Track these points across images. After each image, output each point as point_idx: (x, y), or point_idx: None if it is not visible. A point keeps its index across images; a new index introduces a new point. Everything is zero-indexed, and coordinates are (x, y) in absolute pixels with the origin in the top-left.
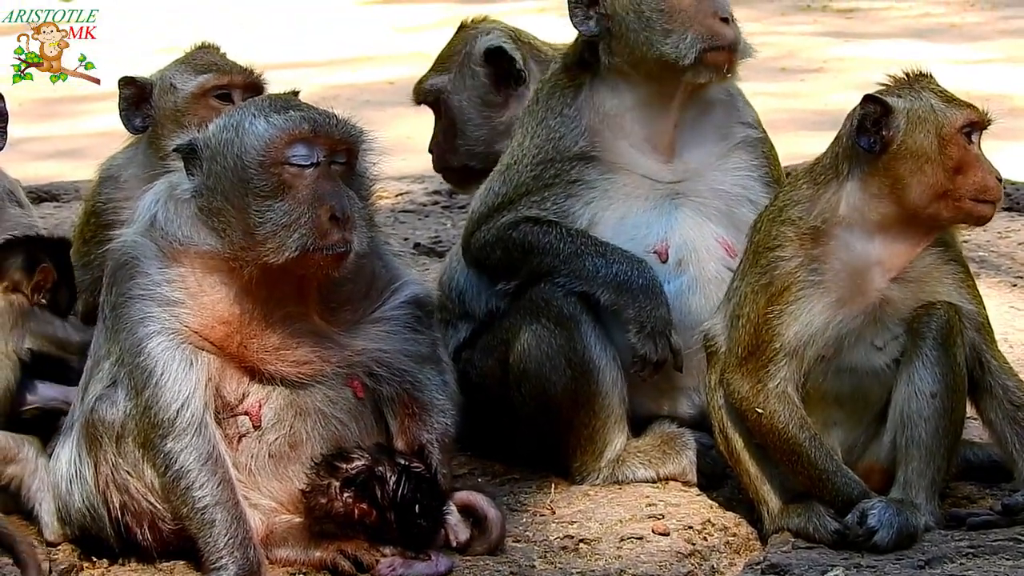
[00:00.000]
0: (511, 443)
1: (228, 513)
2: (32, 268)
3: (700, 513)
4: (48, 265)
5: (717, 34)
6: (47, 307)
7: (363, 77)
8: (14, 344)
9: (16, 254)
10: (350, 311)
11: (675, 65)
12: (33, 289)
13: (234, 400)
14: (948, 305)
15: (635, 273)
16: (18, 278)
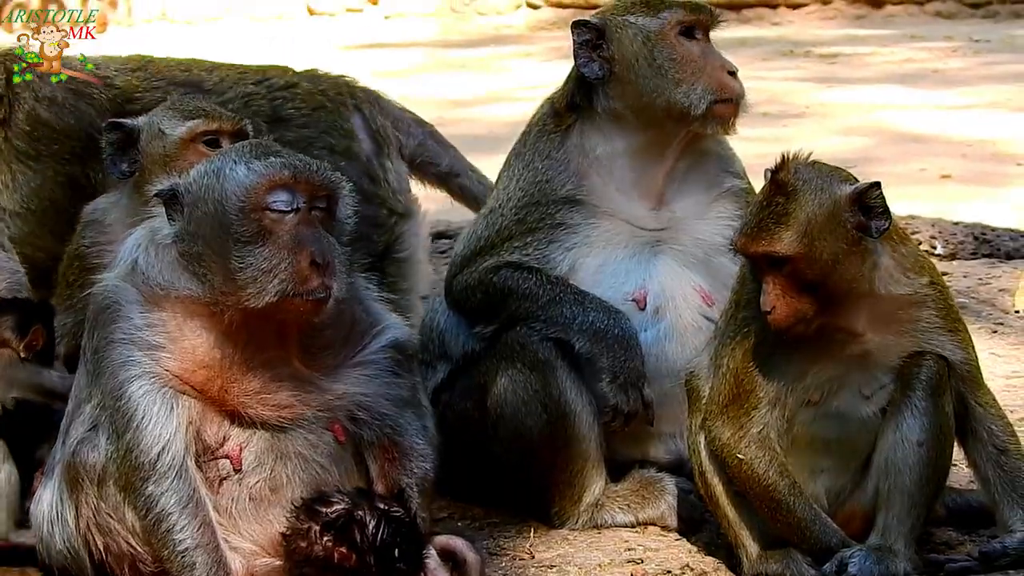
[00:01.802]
0: (490, 486)
1: (208, 556)
2: (22, 329)
3: (679, 558)
4: (40, 328)
5: (726, 87)
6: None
7: None
8: (1, 392)
9: (8, 314)
10: (331, 355)
11: (684, 114)
12: (25, 348)
13: (215, 443)
14: (937, 356)
15: (611, 323)
16: (8, 336)
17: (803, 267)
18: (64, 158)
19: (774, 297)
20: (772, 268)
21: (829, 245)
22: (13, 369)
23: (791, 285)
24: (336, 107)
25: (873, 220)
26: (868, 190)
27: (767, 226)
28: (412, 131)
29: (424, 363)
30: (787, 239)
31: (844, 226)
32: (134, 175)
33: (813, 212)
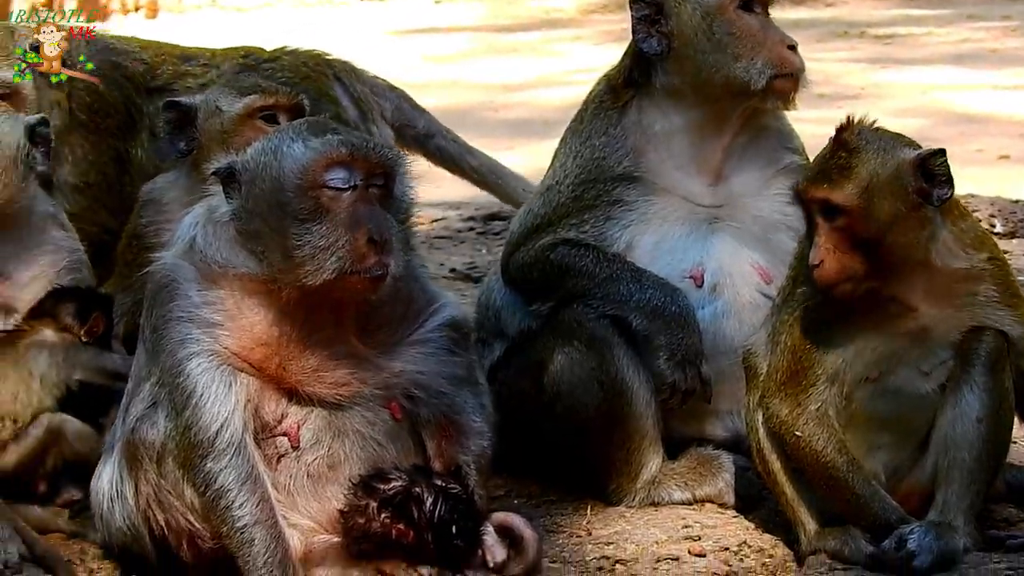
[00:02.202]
0: (547, 464)
1: (267, 532)
2: (83, 316)
3: (736, 535)
4: (100, 315)
5: (786, 61)
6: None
7: None
8: (64, 374)
9: (69, 301)
10: (388, 333)
11: (743, 89)
12: (86, 334)
13: (273, 421)
14: (996, 331)
15: (669, 300)
16: (70, 323)
17: (859, 222)
18: (114, 132)
19: (824, 251)
20: (827, 219)
21: (888, 205)
22: (75, 352)
23: (843, 240)
24: (319, 76)
25: (935, 188)
26: (932, 156)
27: (829, 175)
28: (387, 95)
29: (480, 341)
30: (847, 190)
31: (905, 189)
32: (191, 153)
33: (875, 170)
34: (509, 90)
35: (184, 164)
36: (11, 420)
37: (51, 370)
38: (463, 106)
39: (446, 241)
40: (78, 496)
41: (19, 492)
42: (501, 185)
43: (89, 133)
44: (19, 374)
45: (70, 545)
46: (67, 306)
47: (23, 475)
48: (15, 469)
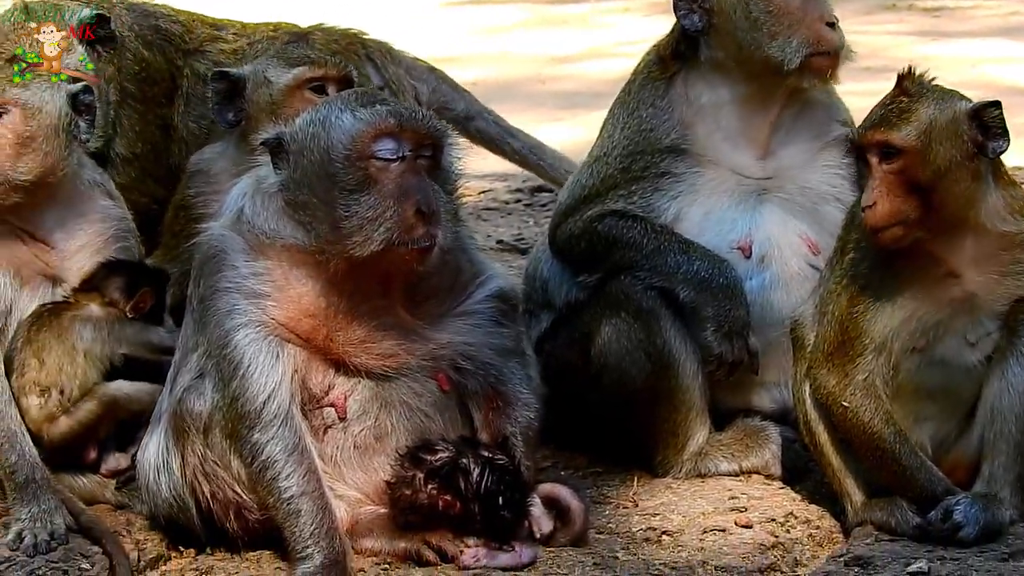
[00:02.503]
0: (594, 436)
1: (314, 503)
2: (130, 291)
3: (783, 506)
4: (149, 291)
5: (823, 39)
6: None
7: None
8: (109, 349)
9: (117, 276)
10: (435, 304)
11: (779, 68)
12: (133, 309)
13: (320, 392)
14: None
15: (716, 272)
16: (116, 297)
17: (914, 165)
18: (160, 100)
19: (878, 193)
20: (884, 161)
21: (944, 151)
22: (120, 327)
23: (897, 184)
24: (349, 55)
25: (990, 140)
26: (987, 107)
27: (889, 118)
28: (425, 77)
29: (527, 312)
30: (906, 131)
31: (962, 138)
32: (240, 124)
33: (934, 115)
34: (557, 62)
35: (232, 135)
36: (57, 391)
37: (95, 345)
38: (511, 79)
39: (493, 213)
40: (125, 465)
41: (66, 461)
42: (543, 166)
43: (137, 103)
44: (64, 347)
45: (116, 516)
46: (115, 280)
47: (72, 445)
48: (65, 439)
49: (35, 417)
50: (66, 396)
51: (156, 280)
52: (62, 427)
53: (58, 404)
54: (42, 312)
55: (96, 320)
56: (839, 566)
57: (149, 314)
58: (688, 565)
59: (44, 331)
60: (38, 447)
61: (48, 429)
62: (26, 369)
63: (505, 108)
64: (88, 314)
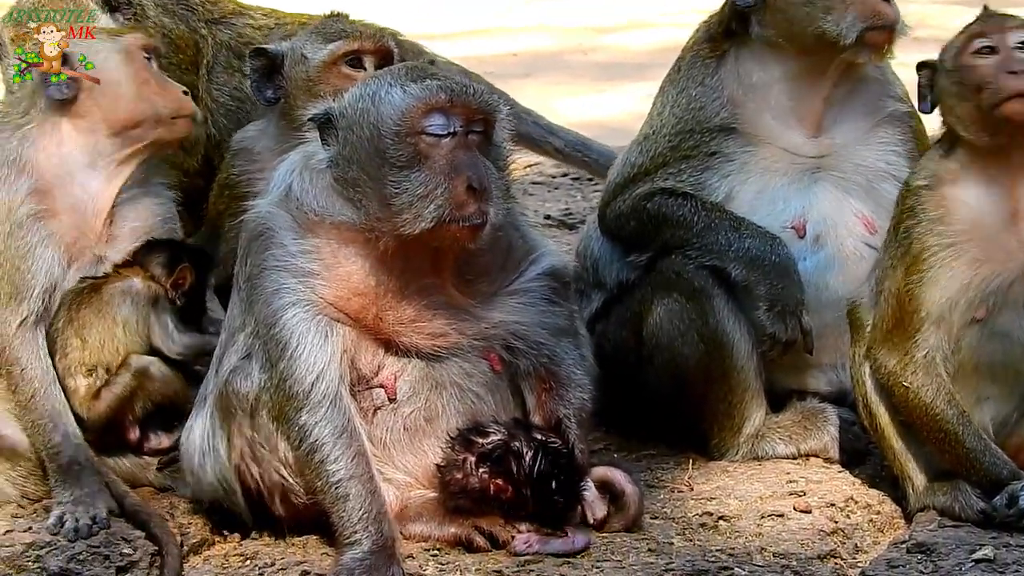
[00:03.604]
0: (648, 418)
1: (362, 487)
2: (172, 266)
3: (842, 490)
4: (188, 267)
5: (879, 13)
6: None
7: (486, 49)
8: (147, 326)
9: (159, 252)
10: (486, 283)
11: (834, 43)
12: (172, 285)
13: (369, 372)
14: None
15: (768, 249)
16: (158, 272)
17: None
18: (187, 67)
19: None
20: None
21: None
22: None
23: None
24: None
25: None
26: None
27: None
28: None
29: (578, 292)
30: None
31: None
32: (280, 101)
33: None
34: (599, 33)
35: (273, 112)
36: (103, 369)
37: (133, 316)
38: (552, 50)
39: (540, 187)
40: (167, 444)
41: (109, 442)
42: (589, 162)
43: (164, 71)
44: (104, 322)
45: (159, 499)
46: (157, 256)
47: (114, 422)
48: (106, 415)
49: (83, 397)
50: (111, 374)
51: (198, 258)
52: (103, 403)
53: (105, 382)
54: (82, 288)
55: (136, 293)
56: (901, 553)
57: (190, 295)
58: (745, 551)
59: (84, 308)
60: (81, 428)
61: (92, 407)
62: (69, 349)
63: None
64: (128, 287)
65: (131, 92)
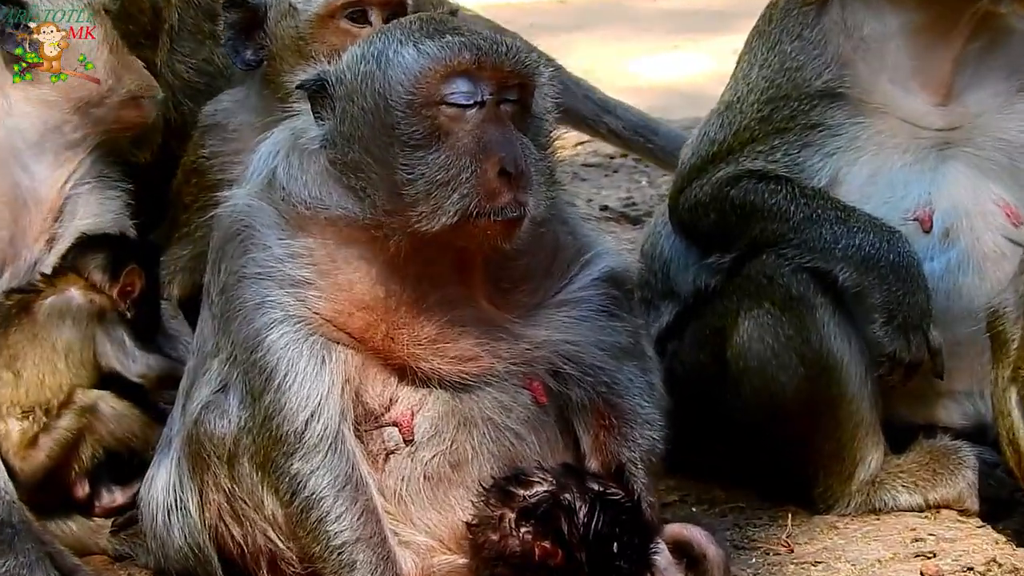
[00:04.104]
0: (734, 461)
1: (372, 553)
2: (115, 270)
3: (983, 550)
4: (136, 268)
5: None
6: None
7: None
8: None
9: (97, 251)
10: (527, 292)
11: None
12: (119, 294)
13: (379, 407)
14: None
15: (885, 246)
16: (99, 279)
17: None
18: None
19: None
20: None
21: None
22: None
23: None
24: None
25: None
26: None
27: None
28: None
29: (644, 302)
30: None
31: None
32: (261, 65)
33: None
34: None
35: (253, 79)
36: (42, 410)
37: (77, 340)
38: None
39: (595, 170)
40: (121, 500)
41: (50, 501)
42: (654, 149)
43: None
44: (41, 351)
45: (115, 571)
46: (95, 257)
47: (56, 475)
48: (46, 466)
49: (16, 443)
50: (53, 415)
51: (145, 255)
52: (42, 452)
53: (43, 426)
54: (9, 307)
55: (76, 309)
56: None
57: (141, 305)
58: None
59: (14, 332)
60: (14, 484)
61: (28, 457)
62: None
63: (603, 34)
64: (65, 302)
65: (102, 59)
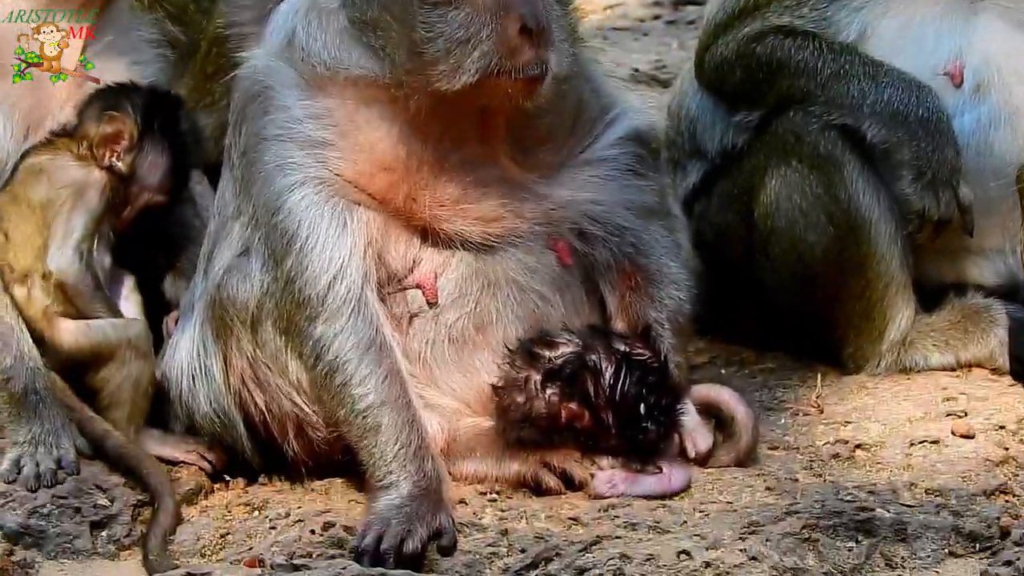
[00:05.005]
0: (763, 321)
1: (397, 415)
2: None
3: (1014, 408)
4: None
5: None
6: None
7: None
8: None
9: (95, 101)
10: (551, 152)
11: None
12: (99, 143)
13: (402, 269)
14: None
15: (914, 102)
16: (91, 131)
17: None
18: None
19: None
20: None
21: None
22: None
23: None
24: None
25: None
26: None
27: None
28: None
29: (671, 162)
30: None
31: None
32: None
33: None
34: None
35: None
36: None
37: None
38: None
39: (624, 33)
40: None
41: None
42: None
43: None
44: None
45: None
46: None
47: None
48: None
49: (31, 313)
50: (51, 283)
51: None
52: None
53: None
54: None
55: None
56: None
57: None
58: (890, 488)
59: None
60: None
61: (51, 332)
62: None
63: None
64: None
65: None
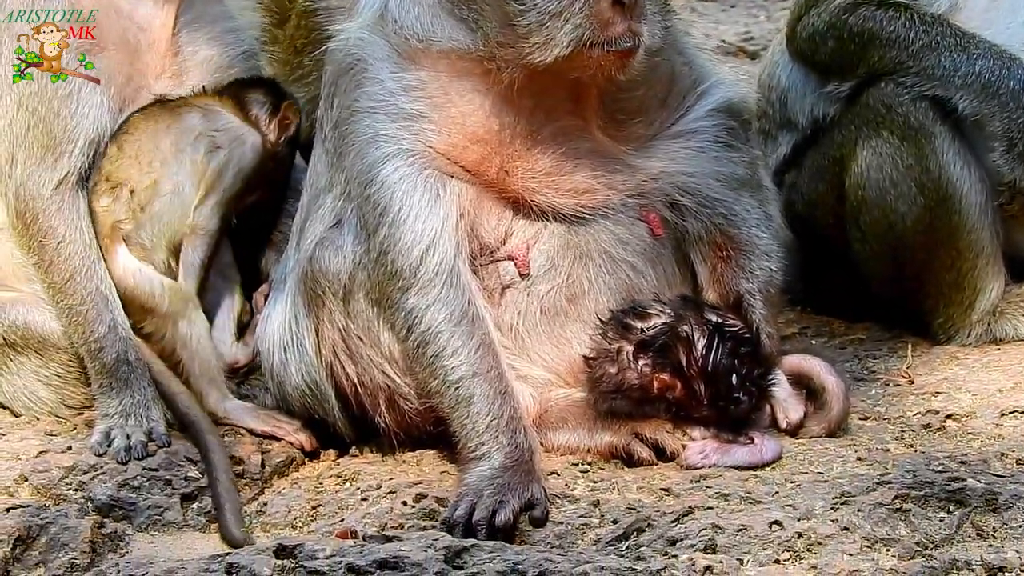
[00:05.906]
0: (853, 292)
1: (489, 386)
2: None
3: None
4: (293, 104)
5: None
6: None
7: None
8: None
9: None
10: (642, 124)
11: None
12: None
13: (494, 241)
14: None
15: (1006, 73)
16: (258, 112)
17: None
18: None
19: None
20: None
21: None
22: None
23: None
24: None
25: None
26: None
27: None
28: None
29: (762, 133)
30: None
31: None
32: None
33: None
34: None
35: None
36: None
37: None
38: None
39: (712, 5)
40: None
41: None
42: None
43: None
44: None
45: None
46: (255, 93)
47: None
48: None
49: (102, 225)
50: (137, 202)
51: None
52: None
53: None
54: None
55: (211, 133)
56: None
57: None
58: (981, 459)
59: (142, 115)
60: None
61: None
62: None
63: None
64: (209, 107)
65: None
